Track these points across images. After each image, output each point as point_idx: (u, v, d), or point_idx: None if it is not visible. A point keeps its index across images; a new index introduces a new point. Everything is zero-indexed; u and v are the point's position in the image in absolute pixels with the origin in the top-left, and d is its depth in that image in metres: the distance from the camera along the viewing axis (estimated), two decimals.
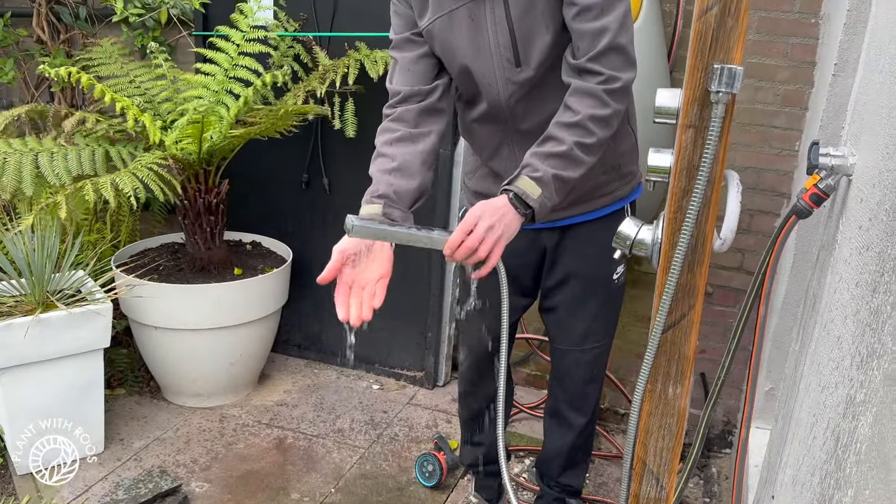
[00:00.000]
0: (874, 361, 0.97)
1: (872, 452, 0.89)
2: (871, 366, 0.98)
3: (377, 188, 1.48)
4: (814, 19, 2.28)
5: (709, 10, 0.95)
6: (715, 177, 1.01)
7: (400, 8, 1.58)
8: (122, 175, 2.23)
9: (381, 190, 1.47)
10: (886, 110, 1.20)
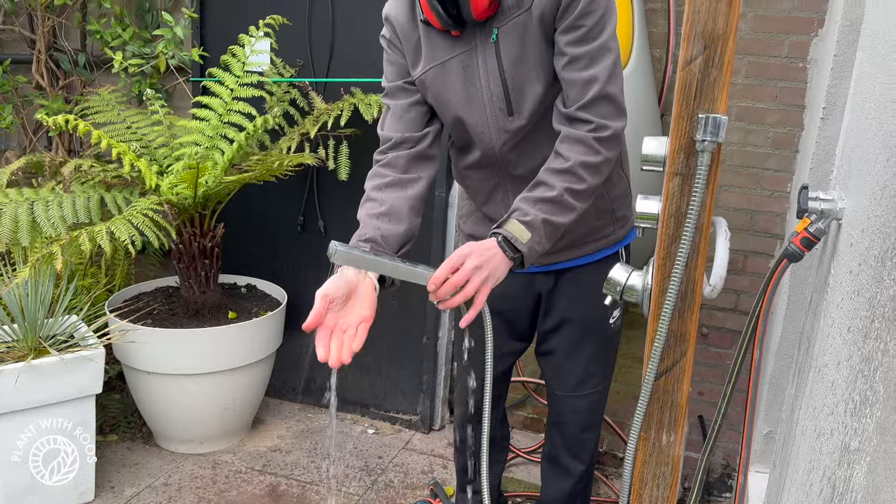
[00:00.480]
0: (867, 409, 0.96)
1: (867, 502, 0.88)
2: (865, 413, 0.97)
3: (364, 232, 1.48)
4: (802, 64, 2.32)
5: (693, 60, 0.96)
6: (703, 224, 1.01)
7: (393, 57, 1.60)
8: (117, 222, 2.24)
9: (369, 234, 1.48)
10: (872, 155, 1.21)
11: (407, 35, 1.56)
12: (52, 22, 3.15)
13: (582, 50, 1.41)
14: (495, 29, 1.46)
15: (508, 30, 1.45)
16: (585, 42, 1.41)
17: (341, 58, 2.84)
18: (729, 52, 0.95)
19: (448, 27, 1.47)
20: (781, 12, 2.31)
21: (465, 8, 1.41)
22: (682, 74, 0.96)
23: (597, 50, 1.41)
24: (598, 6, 1.40)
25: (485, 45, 1.49)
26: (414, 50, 1.56)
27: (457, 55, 1.51)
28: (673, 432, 1.10)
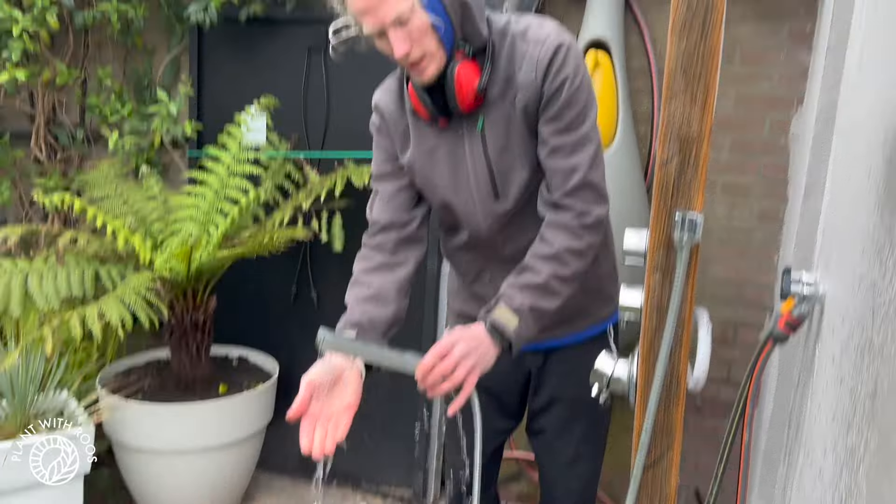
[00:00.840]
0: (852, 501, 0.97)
1: None
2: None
3: (352, 316, 1.50)
4: (783, 140, 2.38)
5: (669, 161, 0.99)
6: (684, 318, 1.03)
7: (382, 143, 1.65)
8: (108, 302, 2.25)
9: (356, 318, 1.49)
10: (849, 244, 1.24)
11: (395, 123, 1.61)
12: (53, 98, 3.23)
13: (564, 140, 1.45)
14: (481, 118, 1.51)
15: (494, 119, 1.50)
16: (567, 132, 1.45)
17: (336, 132, 2.91)
18: (704, 153, 0.98)
19: (435, 117, 1.52)
20: (763, 91, 2.38)
21: (452, 101, 1.46)
22: (660, 174, 1.00)
23: (578, 140, 1.45)
24: (580, 99, 1.45)
25: (471, 133, 1.53)
26: (402, 137, 1.61)
27: (443, 144, 1.55)
28: None
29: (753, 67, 2.38)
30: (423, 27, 1.37)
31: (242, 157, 2.69)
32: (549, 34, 1.45)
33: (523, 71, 1.46)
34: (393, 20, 1.34)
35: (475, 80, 1.44)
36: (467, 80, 1.44)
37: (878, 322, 0.95)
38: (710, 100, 0.98)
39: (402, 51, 1.36)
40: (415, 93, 1.49)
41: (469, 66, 1.44)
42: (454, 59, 1.44)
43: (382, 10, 1.34)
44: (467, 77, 1.44)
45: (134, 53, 3.16)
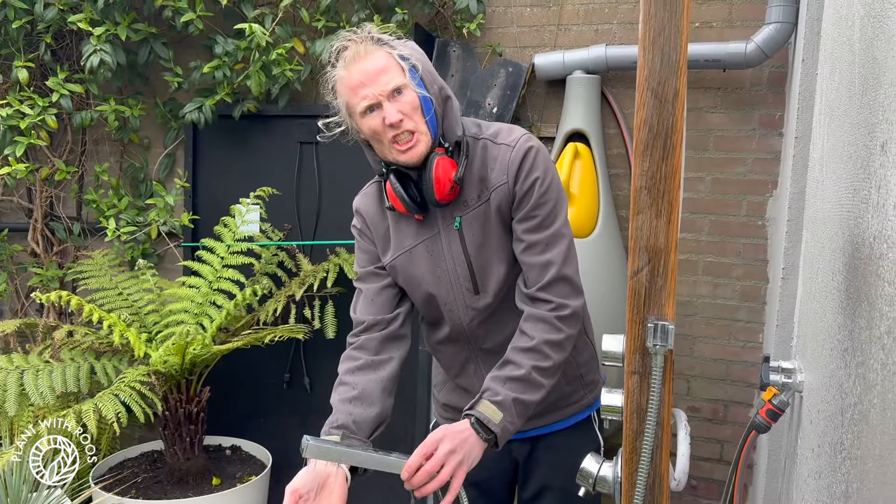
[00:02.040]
0: None
1: None
2: None
3: (336, 418, 1.52)
4: (760, 222, 2.46)
5: (640, 270, 1.05)
6: (663, 419, 1.07)
7: (364, 245, 1.71)
8: (104, 398, 2.28)
9: (341, 420, 1.51)
10: (820, 339, 1.29)
11: (376, 225, 1.68)
12: (50, 193, 3.31)
13: (538, 237, 1.52)
14: (458, 218, 1.58)
15: (470, 219, 1.57)
16: (540, 230, 1.53)
17: (327, 220, 2.99)
18: (672, 263, 1.04)
19: (412, 211, 1.59)
20: (738, 175, 2.47)
21: (429, 192, 1.53)
22: (632, 283, 1.05)
23: (551, 236, 1.52)
24: (550, 198, 1.53)
25: (448, 230, 1.60)
26: (383, 238, 1.68)
27: (423, 241, 1.62)
28: None
29: (728, 154, 2.48)
30: (415, 104, 1.47)
31: (236, 248, 2.75)
32: (519, 138, 1.55)
33: (495, 172, 1.55)
34: (390, 91, 1.44)
35: (452, 172, 1.53)
36: (445, 171, 1.52)
37: (846, 422, 1.00)
38: (675, 213, 1.04)
39: (397, 117, 1.44)
40: (392, 189, 1.57)
41: (447, 160, 1.53)
42: (434, 152, 1.53)
43: (380, 81, 1.45)
44: (445, 169, 1.52)
45: (130, 149, 3.26)
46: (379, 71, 1.46)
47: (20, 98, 2.88)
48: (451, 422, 1.88)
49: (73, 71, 3.05)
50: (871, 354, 0.86)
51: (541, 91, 2.66)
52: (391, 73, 1.46)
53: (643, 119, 1.04)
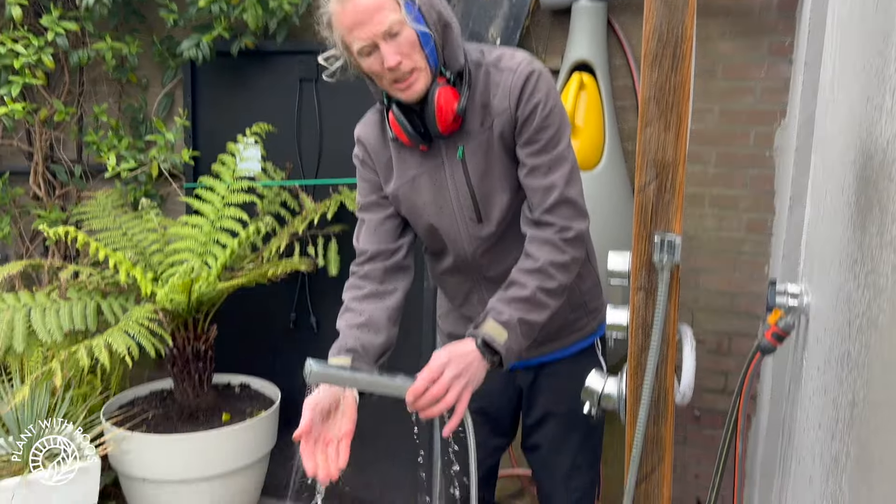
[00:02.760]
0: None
1: None
2: None
3: (345, 342, 1.51)
4: (768, 153, 2.43)
5: (647, 185, 1.04)
6: (668, 335, 1.07)
7: (366, 174, 1.69)
8: (114, 334, 2.29)
9: (350, 344, 1.50)
10: (828, 257, 1.28)
11: (378, 154, 1.66)
12: (50, 136, 3.28)
13: (540, 160, 1.50)
14: (461, 147, 1.56)
15: (474, 148, 1.55)
16: (543, 153, 1.51)
17: (329, 159, 2.96)
18: (679, 177, 1.03)
19: (416, 142, 1.57)
20: (746, 106, 2.43)
21: (432, 124, 1.51)
22: (639, 198, 1.04)
23: (554, 159, 1.50)
24: (552, 122, 1.51)
25: (451, 160, 1.58)
26: (385, 167, 1.66)
27: (426, 170, 1.60)
28: None
29: (736, 82, 2.43)
30: (412, 41, 1.44)
31: (236, 187, 2.74)
32: (521, 63, 1.52)
33: (498, 98, 1.52)
34: (385, 31, 1.40)
35: (454, 102, 1.50)
36: (447, 102, 1.49)
37: (853, 333, 0.99)
38: (684, 127, 1.02)
39: (395, 60, 1.41)
40: (395, 119, 1.54)
41: (449, 90, 1.51)
42: (435, 83, 1.50)
43: (375, 21, 1.40)
44: (447, 99, 1.49)
45: (128, 89, 3.22)
46: (373, 9, 1.40)
47: (14, 37, 2.83)
48: None
49: (67, 8, 2.99)
50: (881, 260, 0.85)
51: (545, 21, 2.60)
52: (385, 11, 1.41)
53: (652, 28, 1.01)
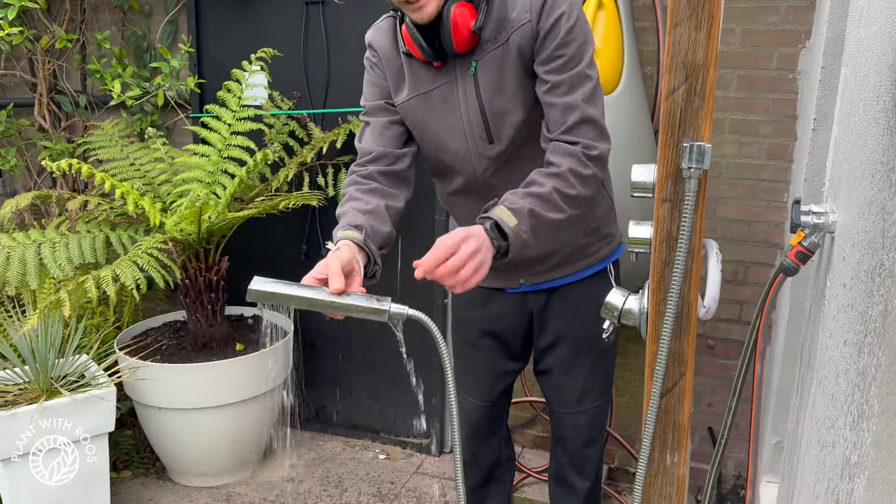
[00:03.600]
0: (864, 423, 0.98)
1: None
2: (862, 427, 0.99)
3: (354, 219, 1.44)
4: (791, 75, 2.35)
5: (676, 90, 0.99)
6: (694, 247, 1.03)
7: (375, 78, 1.63)
8: (122, 265, 2.27)
9: (359, 221, 1.43)
10: (859, 170, 1.23)
11: (389, 61, 1.59)
12: (53, 65, 3.21)
13: (562, 77, 1.44)
14: (474, 62, 1.50)
15: (487, 62, 1.49)
16: (565, 70, 1.44)
17: (337, 87, 2.88)
18: (710, 80, 0.97)
19: (430, 59, 1.51)
20: (769, 26, 2.34)
21: (448, 42, 1.45)
22: (666, 104, 0.99)
23: (576, 77, 1.44)
24: (577, 36, 1.44)
25: (464, 76, 1.52)
26: (396, 76, 1.59)
27: (438, 86, 1.55)
28: (676, 452, 1.11)
29: (759, 2, 2.33)
30: None
31: (243, 115, 2.68)
32: None
33: (517, 11, 1.45)
34: None
35: (471, 20, 1.44)
36: (463, 20, 1.43)
37: (888, 243, 0.95)
38: (716, 26, 0.97)
39: None
40: (409, 34, 1.48)
41: (465, 6, 1.44)
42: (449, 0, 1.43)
43: None
44: (463, 17, 1.43)
45: (131, 16, 3.14)
46: None
47: None
48: None
49: None
50: None
51: None
52: None
53: None
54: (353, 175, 1.59)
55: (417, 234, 2.82)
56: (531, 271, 1.76)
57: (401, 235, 2.85)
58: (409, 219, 2.75)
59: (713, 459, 1.54)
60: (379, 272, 1.43)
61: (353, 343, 3.04)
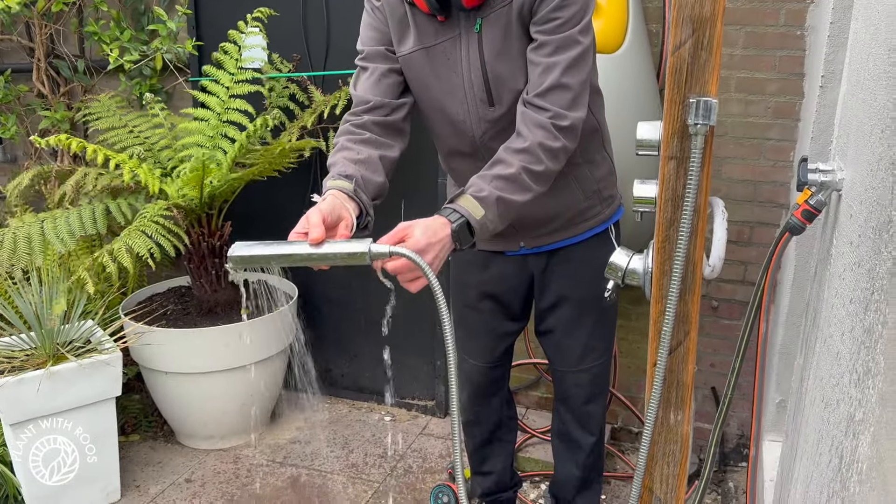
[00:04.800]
0: (870, 380, 0.98)
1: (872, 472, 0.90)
2: (867, 384, 0.98)
3: (345, 169, 1.41)
4: (799, 31, 2.31)
5: (682, 44, 0.97)
6: (700, 206, 1.02)
7: (377, 23, 1.58)
8: (133, 236, 2.28)
9: (350, 171, 1.40)
10: (868, 126, 1.21)
11: (393, 8, 1.55)
12: (50, 29, 3.17)
13: (551, 38, 1.42)
14: (479, 19, 1.47)
15: (492, 21, 1.46)
16: (555, 31, 1.42)
17: (338, 49, 2.85)
18: (717, 34, 0.95)
19: (435, 12, 1.47)
20: None
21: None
22: (673, 59, 0.97)
23: (564, 39, 1.41)
24: (573, 1, 1.40)
25: (468, 34, 1.49)
26: (399, 25, 1.55)
27: (441, 42, 1.51)
28: (680, 411, 1.12)
29: None
30: None
31: (241, 77, 2.65)
32: None
33: None
34: None
35: None
36: None
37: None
38: None
39: None
40: None
41: None
42: None
43: None
44: None
45: None
46: None
47: None
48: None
49: None
50: None
51: None
52: None
53: None
54: (346, 124, 1.54)
55: (420, 195, 2.81)
56: (531, 234, 1.75)
57: (403, 199, 2.84)
58: (411, 181, 2.77)
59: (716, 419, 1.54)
60: (372, 222, 1.41)
61: (358, 306, 3.05)
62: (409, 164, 2.44)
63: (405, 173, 2.66)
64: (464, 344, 1.95)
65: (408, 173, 2.70)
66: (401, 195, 2.82)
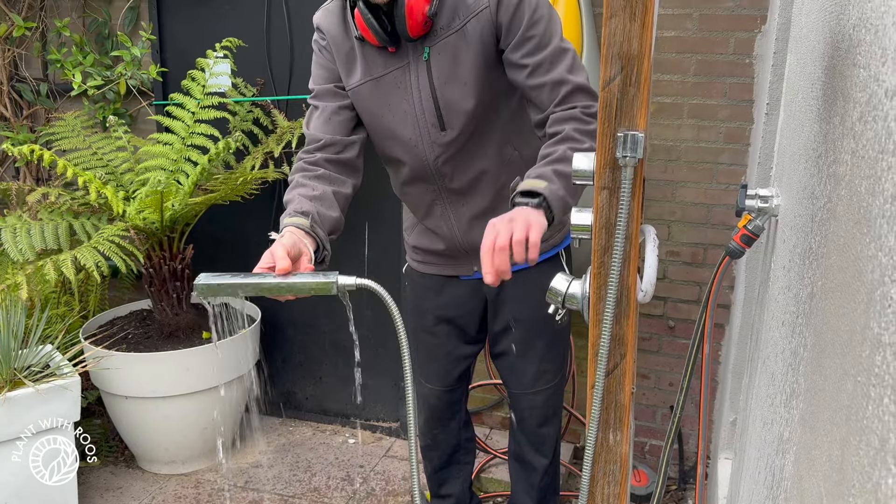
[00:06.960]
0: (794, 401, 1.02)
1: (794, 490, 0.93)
2: (793, 405, 1.03)
3: (301, 206, 1.42)
4: (748, 60, 2.38)
5: (612, 80, 1.01)
6: (631, 233, 1.06)
7: (324, 62, 1.62)
8: (83, 250, 2.27)
9: (305, 208, 1.42)
10: (797, 156, 1.27)
11: (339, 45, 1.59)
12: (13, 53, 3.16)
13: (540, 57, 1.46)
14: (427, 48, 1.51)
15: (440, 49, 1.51)
16: (540, 50, 1.46)
17: (301, 74, 2.88)
18: (645, 71, 1.00)
19: (384, 44, 1.51)
20: (726, 11, 2.37)
21: (401, 26, 1.46)
22: (603, 94, 1.01)
23: (553, 53, 1.46)
24: (541, 15, 1.46)
25: (417, 62, 1.53)
26: (346, 60, 1.59)
27: (391, 71, 1.55)
28: (619, 431, 1.15)
29: None
30: None
31: (207, 103, 2.67)
32: None
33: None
34: None
35: (426, 5, 1.45)
36: (418, 4, 1.44)
37: (815, 227, 0.99)
38: (650, 16, 0.99)
39: None
40: (362, 18, 1.49)
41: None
42: None
43: None
44: (418, 1, 1.44)
45: (92, 2, 3.09)
46: None
47: None
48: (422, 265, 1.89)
49: None
50: (842, 148, 0.84)
51: None
52: None
53: None
54: (300, 162, 1.58)
55: (383, 220, 2.84)
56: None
57: (367, 222, 2.86)
58: (375, 205, 2.79)
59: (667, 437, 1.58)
60: (329, 256, 1.44)
61: (322, 329, 3.06)
62: (372, 189, 2.48)
63: (368, 199, 2.69)
64: (421, 368, 1.97)
65: (370, 198, 2.73)
66: (364, 219, 2.84)
